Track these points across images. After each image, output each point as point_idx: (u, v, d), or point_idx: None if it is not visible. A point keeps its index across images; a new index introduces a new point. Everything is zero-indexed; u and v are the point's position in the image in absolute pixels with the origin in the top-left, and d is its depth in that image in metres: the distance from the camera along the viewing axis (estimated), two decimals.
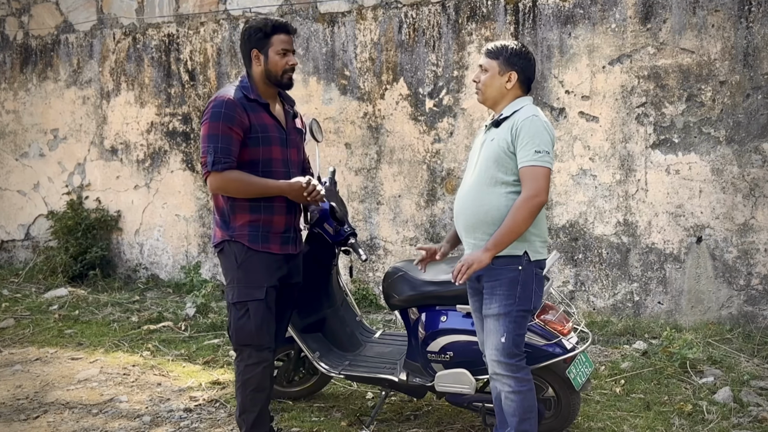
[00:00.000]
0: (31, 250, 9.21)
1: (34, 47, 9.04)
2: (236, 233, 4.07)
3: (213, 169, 3.96)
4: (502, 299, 3.72)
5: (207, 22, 8.00)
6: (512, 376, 3.75)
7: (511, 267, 3.71)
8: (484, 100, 3.89)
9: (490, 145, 3.77)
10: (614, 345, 6.04)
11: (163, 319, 7.00)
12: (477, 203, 3.76)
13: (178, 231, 8.35)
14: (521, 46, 3.86)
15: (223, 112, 3.96)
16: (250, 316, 4.06)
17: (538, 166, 3.61)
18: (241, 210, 4.07)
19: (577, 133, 6.52)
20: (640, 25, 6.28)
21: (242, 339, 4.10)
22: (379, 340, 5.17)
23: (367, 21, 7.26)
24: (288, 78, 4.14)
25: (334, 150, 7.43)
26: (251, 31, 4.10)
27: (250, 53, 4.12)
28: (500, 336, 3.72)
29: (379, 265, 7.36)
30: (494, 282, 3.74)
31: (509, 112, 3.77)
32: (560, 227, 6.64)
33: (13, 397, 5.31)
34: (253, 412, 4.15)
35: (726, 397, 4.95)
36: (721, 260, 6.16)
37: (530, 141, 3.62)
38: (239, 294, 4.08)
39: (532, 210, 3.61)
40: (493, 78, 3.81)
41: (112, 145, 8.66)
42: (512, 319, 3.71)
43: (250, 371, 4.11)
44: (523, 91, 3.86)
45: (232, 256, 4.09)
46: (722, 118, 6.09)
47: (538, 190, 3.60)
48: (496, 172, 3.71)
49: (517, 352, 3.75)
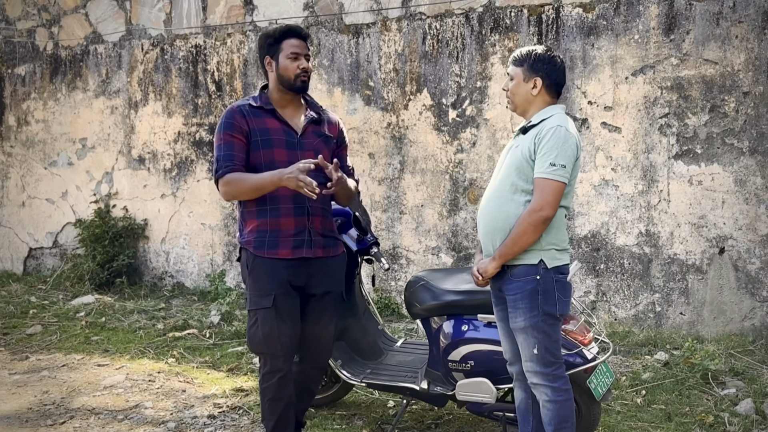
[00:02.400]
0: (59, 258, 9.32)
1: (64, 58, 9.18)
2: (245, 239, 4.07)
3: (217, 176, 3.99)
4: (525, 312, 3.68)
5: (234, 33, 8.09)
6: (549, 385, 3.71)
7: (528, 278, 3.67)
8: (514, 108, 3.86)
9: (514, 152, 3.75)
10: (635, 355, 6.03)
11: (188, 326, 7.06)
12: (497, 209, 3.74)
13: (204, 239, 8.43)
14: (546, 51, 3.80)
15: (223, 122, 4.02)
16: (258, 325, 4.03)
17: (549, 179, 3.57)
18: (250, 216, 4.06)
19: (600, 143, 6.53)
20: (663, 36, 6.29)
21: (253, 347, 4.11)
22: (401, 349, 5.18)
23: (391, 32, 7.31)
24: (301, 82, 4.08)
25: (358, 160, 7.47)
26: (264, 39, 4.11)
27: (264, 61, 4.13)
28: (532, 348, 3.69)
29: (402, 274, 7.39)
30: (515, 295, 3.71)
31: (537, 120, 3.73)
32: (582, 237, 6.65)
33: (40, 403, 5.38)
34: (272, 419, 4.15)
35: (748, 408, 4.93)
36: (743, 271, 6.15)
37: (549, 152, 3.58)
38: (250, 302, 4.08)
39: (534, 223, 3.58)
40: (518, 86, 3.78)
41: (139, 155, 8.76)
42: (540, 330, 3.67)
43: (266, 380, 4.09)
44: (552, 97, 3.80)
45: (245, 264, 4.11)
46: (745, 129, 6.09)
47: (543, 203, 3.56)
48: (516, 179, 3.68)
49: (552, 359, 3.71)
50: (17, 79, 9.51)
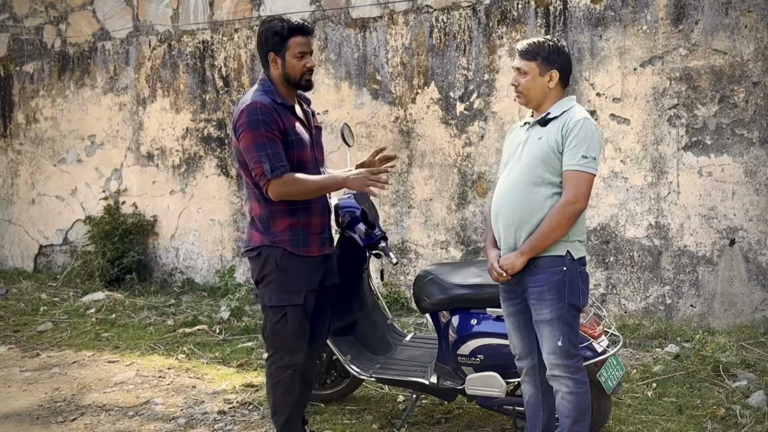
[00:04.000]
0: (69, 255, 9.35)
1: (72, 54, 9.19)
2: (277, 238, 4.02)
3: (273, 176, 3.88)
4: (552, 303, 3.67)
5: (241, 28, 8.09)
6: (571, 377, 3.72)
7: (555, 269, 3.66)
8: (527, 102, 3.82)
9: (537, 144, 3.71)
10: (646, 348, 6.01)
11: (197, 322, 7.08)
12: (522, 202, 3.69)
13: (213, 235, 8.44)
14: (556, 42, 3.79)
15: (260, 119, 3.90)
16: (287, 321, 4.04)
17: (582, 172, 3.58)
18: (281, 214, 4.02)
19: (609, 135, 6.50)
20: (671, 26, 6.25)
21: (278, 343, 4.09)
22: (410, 343, 5.18)
23: (398, 26, 7.29)
24: (306, 80, 4.08)
25: (366, 154, 7.38)
26: (267, 34, 4.03)
27: (267, 56, 4.06)
28: (557, 340, 3.68)
29: (410, 269, 7.39)
30: (542, 287, 3.69)
31: (558, 112, 3.72)
32: (591, 230, 6.62)
33: (50, 400, 5.41)
34: (284, 413, 4.16)
35: (760, 401, 4.90)
36: (754, 263, 6.12)
37: (579, 144, 3.59)
38: (278, 298, 4.05)
39: (569, 216, 3.58)
40: (534, 80, 3.74)
41: (148, 151, 8.77)
42: (565, 321, 3.67)
43: (280, 374, 4.12)
44: (563, 88, 3.81)
45: (272, 261, 4.03)
46: (755, 119, 6.05)
47: (578, 196, 3.57)
48: (543, 171, 3.66)
49: (574, 351, 3.73)
50: (25, 77, 9.53)
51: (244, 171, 4.06)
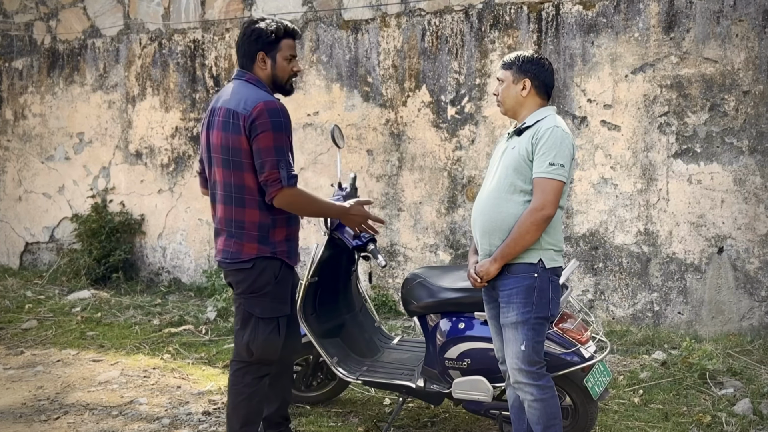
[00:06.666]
0: (55, 253, 9.30)
1: (62, 51, 9.14)
2: (278, 249, 3.91)
3: (289, 184, 3.78)
4: (519, 307, 3.72)
5: (232, 28, 8.06)
6: (534, 384, 3.75)
7: (526, 275, 3.72)
8: (506, 110, 3.94)
9: (511, 153, 3.80)
10: (633, 355, 6.01)
11: (184, 322, 7.05)
12: (495, 209, 3.77)
13: (201, 235, 8.40)
14: (534, 53, 3.92)
15: (283, 121, 3.78)
16: (279, 332, 3.97)
17: (549, 179, 3.64)
18: (281, 223, 3.93)
19: (599, 141, 6.51)
20: (663, 34, 6.26)
21: (266, 354, 3.96)
22: (398, 347, 5.18)
23: (390, 28, 7.29)
24: (290, 85, 4.07)
25: (356, 156, 7.45)
26: (260, 32, 3.93)
27: (256, 54, 3.96)
28: (520, 344, 3.73)
29: (399, 272, 7.37)
30: (510, 290, 3.74)
31: (532, 122, 3.80)
32: (580, 236, 6.62)
33: (34, 398, 5.37)
34: (257, 423, 4.09)
35: (746, 408, 4.91)
36: (742, 271, 6.13)
37: (547, 152, 3.65)
38: (271, 309, 3.95)
39: (537, 222, 3.63)
40: (508, 88, 3.87)
41: (136, 150, 8.73)
42: (530, 327, 3.71)
43: (256, 384, 4.00)
44: (543, 99, 3.88)
45: (270, 273, 3.90)
46: (745, 128, 6.06)
47: (545, 203, 3.62)
48: (515, 179, 3.73)
49: (537, 359, 3.75)
50: (14, 73, 9.48)
51: (245, 173, 3.85)
